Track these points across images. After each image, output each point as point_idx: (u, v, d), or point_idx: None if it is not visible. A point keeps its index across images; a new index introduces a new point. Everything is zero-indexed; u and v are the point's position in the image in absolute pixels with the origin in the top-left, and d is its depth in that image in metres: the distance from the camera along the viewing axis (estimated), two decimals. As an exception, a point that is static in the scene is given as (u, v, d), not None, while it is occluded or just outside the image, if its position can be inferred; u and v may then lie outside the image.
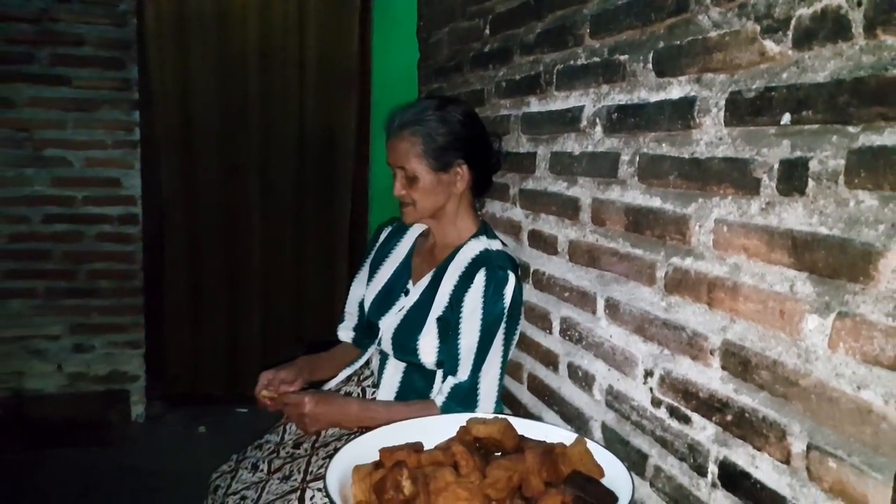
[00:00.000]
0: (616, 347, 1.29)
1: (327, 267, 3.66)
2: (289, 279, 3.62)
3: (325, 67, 3.45)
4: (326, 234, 3.64)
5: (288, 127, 3.47)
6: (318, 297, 3.66)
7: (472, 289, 1.52)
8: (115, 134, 3.10)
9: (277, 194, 3.52)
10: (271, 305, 3.61)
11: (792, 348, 0.87)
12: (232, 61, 3.33)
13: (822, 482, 0.82)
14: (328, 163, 3.57)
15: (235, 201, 3.46)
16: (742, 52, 0.95)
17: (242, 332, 3.58)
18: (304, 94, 3.46)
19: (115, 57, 3.05)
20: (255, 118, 3.41)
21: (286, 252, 3.59)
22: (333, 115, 3.52)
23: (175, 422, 3.34)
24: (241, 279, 3.55)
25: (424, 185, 1.55)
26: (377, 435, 1.30)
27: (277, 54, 3.38)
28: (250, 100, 3.38)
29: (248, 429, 3.24)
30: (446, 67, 2.23)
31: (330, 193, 3.61)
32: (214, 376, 3.56)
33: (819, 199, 0.82)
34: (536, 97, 1.60)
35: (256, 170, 3.46)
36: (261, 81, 3.38)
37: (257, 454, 1.65)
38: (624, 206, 1.24)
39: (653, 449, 1.18)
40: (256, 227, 3.52)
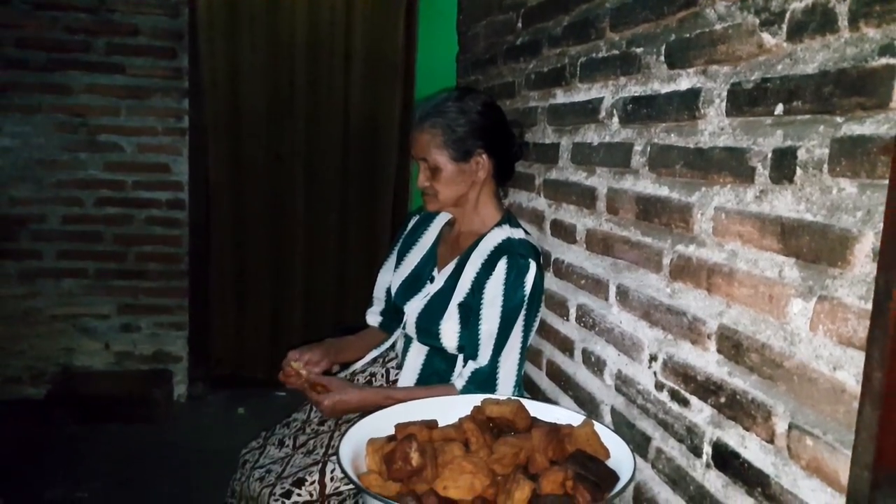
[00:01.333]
0: (625, 333, 1.32)
1: (369, 255, 3.74)
2: (331, 266, 3.72)
3: (370, 60, 3.53)
4: (368, 223, 3.73)
5: (333, 117, 3.56)
6: (359, 284, 3.74)
7: (493, 276, 1.57)
8: (166, 121, 3.25)
9: (321, 183, 3.61)
10: (313, 292, 3.71)
11: (779, 331, 0.90)
12: (280, 52, 3.43)
13: (800, 460, 0.85)
14: (372, 154, 3.65)
15: (280, 189, 3.57)
16: (743, 44, 0.97)
17: (285, 317, 3.69)
18: (349, 85, 3.54)
19: (168, 46, 3.20)
20: (301, 108, 3.51)
21: (329, 239, 3.69)
22: (378, 107, 3.60)
23: (216, 402, 3.48)
24: (284, 265, 3.66)
25: (446, 175, 1.61)
26: (394, 411, 1.36)
27: (324, 46, 3.47)
28: (297, 90, 3.48)
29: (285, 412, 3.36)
30: (482, 60, 2.28)
31: (373, 184, 3.69)
32: (256, 360, 3.68)
33: (806, 186, 0.85)
34: (562, 89, 1.64)
35: (301, 159, 3.57)
36: (307, 72, 3.48)
37: (285, 431, 1.74)
38: (636, 195, 1.28)
39: (656, 432, 1.22)
40: (300, 215, 3.62)
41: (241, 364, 3.68)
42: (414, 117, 1.65)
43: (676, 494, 1.14)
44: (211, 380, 3.58)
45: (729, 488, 1.00)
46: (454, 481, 1.14)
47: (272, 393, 3.60)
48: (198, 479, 2.60)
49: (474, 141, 1.60)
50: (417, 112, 1.64)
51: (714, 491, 1.04)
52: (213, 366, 3.60)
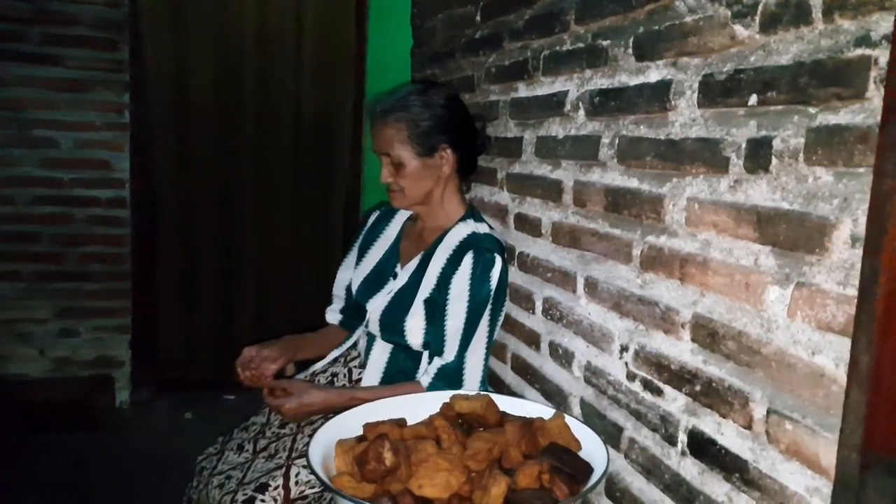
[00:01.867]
0: (594, 324, 1.33)
1: (322, 252, 3.68)
2: (284, 264, 3.64)
3: (322, 52, 3.47)
4: (322, 219, 3.67)
5: (284, 112, 3.48)
6: (312, 282, 3.68)
7: (459, 271, 1.56)
8: (107, 116, 3.11)
9: (273, 179, 3.53)
10: (265, 291, 3.63)
11: (755, 319, 0.91)
12: (228, 44, 3.33)
13: (779, 444, 0.87)
14: (324, 149, 3.59)
15: (230, 186, 3.47)
16: (715, 36, 0.99)
17: (236, 317, 3.60)
18: (300, 78, 3.47)
19: (109, 38, 3.06)
20: (252, 102, 3.42)
21: (281, 236, 3.61)
22: (330, 101, 3.54)
23: (162, 408, 3.36)
24: (235, 264, 3.56)
25: (411, 170, 1.59)
26: (361, 411, 1.34)
27: (275, 37, 3.39)
28: (246, 84, 3.39)
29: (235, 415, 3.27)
30: (440, 54, 2.26)
31: (325, 179, 3.63)
32: (206, 362, 3.57)
33: (781, 175, 0.87)
34: (524, 83, 1.64)
35: (252, 154, 3.48)
36: (257, 65, 3.39)
37: (243, 435, 1.68)
38: (604, 187, 1.28)
39: (628, 422, 1.23)
40: (251, 212, 3.53)
41: (189, 367, 3.57)
42: (374, 111, 1.61)
43: (651, 483, 1.16)
44: (156, 384, 3.45)
45: (705, 475, 1.01)
46: (430, 479, 1.13)
47: (221, 396, 3.51)
48: (148, 488, 2.50)
49: (439, 135, 1.58)
50: (379, 106, 1.61)
51: (690, 478, 1.05)
52: (160, 369, 3.48)
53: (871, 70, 0.73)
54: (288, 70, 3.45)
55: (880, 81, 0.72)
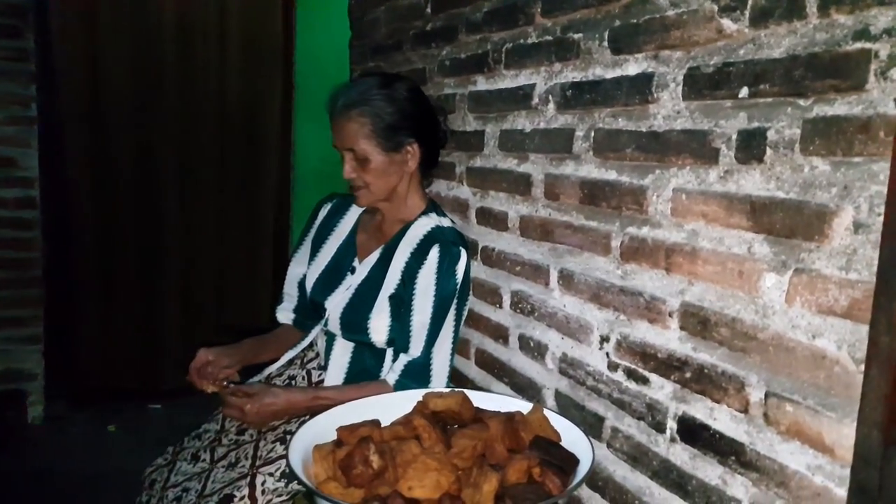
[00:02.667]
0: (570, 316, 1.34)
1: (250, 252, 3.57)
2: (209, 265, 3.50)
3: (247, 44, 3.35)
4: (249, 217, 3.55)
5: (208, 106, 3.34)
6: (240, 283, 3.57)
7: (425, 265, 1.53)
8: (10, 109, 2.88)
9: (197, 176, 3.39)
10: (191, 293, 3.48)
11: (750, 305, 0.94)
12: (146, 34, 3.16)
13: (779, 426, 0.89)
14: (251, 144, 3.47)
15: (151, 183, 3.30)
16: (700, 29, 1.01)
17: (159, 322, 3.43)
18: (225, 71, 3.34)
19: (10, 24, 2.83)
20: (173, 96, 3.26)
21: (206, 236, 3.47)
22: (257, 95, 3.43)
23: (81, 421, 3.16)
24: (157, 266, 3.39)
25: (376, 166, 1.54)
26: (333, 414, 1.29)
27: (197, 28, 3.25)
28: (167, 76, 3.23)
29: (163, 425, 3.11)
30: (384, 46, 2.21)
31: (253, 176, 3.51)
32: (128, 371, 3.39)
33: (776, 165, 0.89)
34: (484, 76, 1.63)
35: (174, 150, 3.32)
36: (178, 57, 3.23)
37: (196, 444, 1.59)
38: (579, 180, 1.29)
39: (609, 411, 1.24)
40: (174, 211, 3.38)
41: (109, 376, 3.37)
42: (335, 105, 1.56)
43: (636, 471, 1.17)
44: (74, 397, 3.24)
45: (697, 460, 1.04)
46: (419, 480, 1.10)
47: (147, 406, 3.35)
48: (79, 505, 2.35)
49: (405, 130, 1.54)
50: (340, 99, 1.55)
51: (680, 464, 1.07)
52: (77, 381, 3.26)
53: (871, 63, 0.77)
54: (211, 62, 3.32)
55: (881, 74, 0.76)
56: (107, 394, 3.30)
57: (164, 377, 3.42)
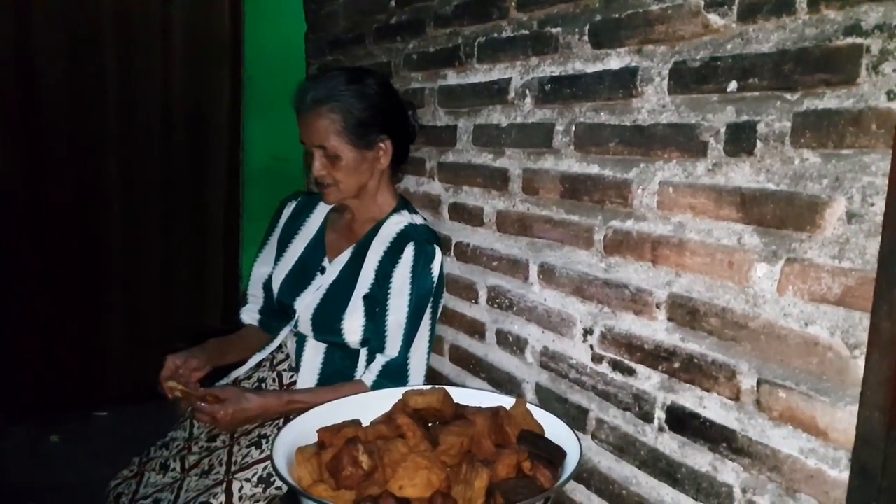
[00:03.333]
0: (551, 310, 1.34)
1: (199, 253, 3.45)
2: (155, 267, 3.37)
3: (193, 37, 3.23)
4: (197, 217, 3.42)
5: (151, 102, 3.20)
6: (188, 285, 3.45)
7: (400, 264, 1.51)
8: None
9: (140, 176, 3.25)
10: (136, 297, 3.34)
11: (740, 295, 0.96)
12: (82, 26, 3.00)
13: (771, 411, 0.92)
14: (198, 142, 3.35)
15: (91, 184, 3.15)
16: (685, 24, 1.02)
17: (103, 327, 3.28)
18: (169, 65, 3.21)
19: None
20: (114, 92, 3.11)
21: (152, 239, 3.34)
22: (203, 91, 3.30)
23: (21, 434, 2.98)
24: (99, 269, 3.24)
25: (348, 163, 1.50)
26: (313, 415, 1.27)
27: (138, 20, 3.10)
28: (107, 71, 3.07)
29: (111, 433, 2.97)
30: (344, 40, 2.18)
31: (201, 174, 3.39)
32: (70, 378, 3.24)
33: (766, 158, 0.91)
34: (454, 70, 1.62)
35: (115, 149, 3.17)
36: (118, 50, 3.08)
37: (164, 454, 1.53)
38: (559, 174, 1.30)
39: (592, 403, 1.26)
40: (116, 213, 3.23)
41: (50, 385, 3.21)
42: (304, 100, 1.50)
43: (623, 461, 1.19)
44: (11, 408, 3.06)
45: (687, 448, 1.06)
46: (410, 479, 1.09)
47: (91, 414, 3.20)
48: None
49: (377, 126, 1.51)
50: (308, 94, 1.50)
51: (669, 452, 1.09)
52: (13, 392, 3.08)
53: (862, 57, 0.79)
54: (154, 56, 3.18)
55: (873, 68, 0.78)
56: (48, 403, 3.14)
57: (109, 383, 3.29)
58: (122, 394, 3.31)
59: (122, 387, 3.32)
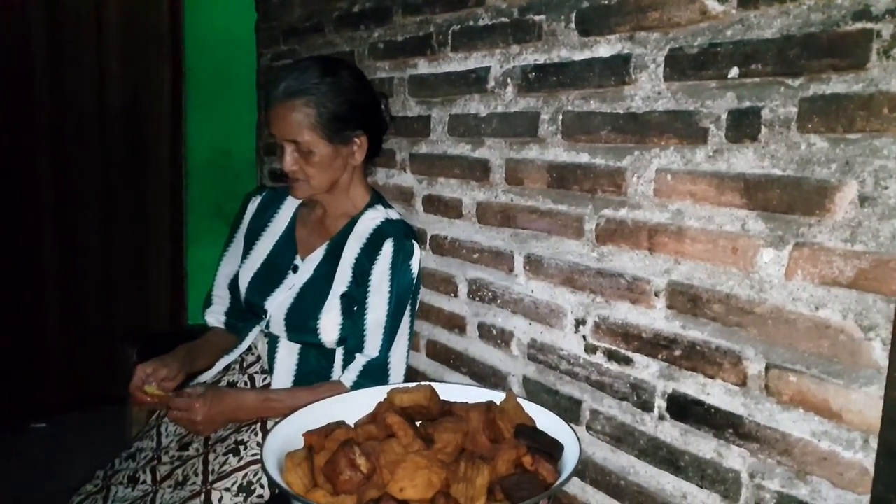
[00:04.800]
0: (539, 301, 1.32)
1: (141, 251, 3.29)
2: (94, 268, 3.20)
3: (128, 29, 3.07)
4: (138, 215, 3.27)
5: (85, 96, 3.04)
6: (130, 285, 3.29)
7: (379, 261, 1.46)
8: None
9: (75, 174, 3.07)
10: (73, 301, 3.16)
11: (745, 281, 0.96)
12: (7, 19, 2.81)
13: (780, 396, 0.92)
14: (137, 137, 3.19)
15: (21, 184, 2.96)
16: (681, 11, 1.01)
17: (38, 332, 3.09)
18: (104, 59, 3.04)
19: None
20: (43, 86, 2.93)
21: (89, 239, 3.16)
22: (142, 83, 3.15)
23: (-50, 449, 2.80)
24: (33, 273, 3.05)
25: (322, 158, 1.44)
26: (296, 419, 1.22)
27: (69, 13, 2.93)
28: (36, 64, 2.90)
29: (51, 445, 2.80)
30: (300, 29, 2.10)
31: (141, 171, 3.24)
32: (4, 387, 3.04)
33: (771, 143, 0.92)
34: (426, 59, 1.57)
35: (47, 145, 2.99)
36: (49, 44, 2.91)
37: (131, 465, 1.44)
38: (546, 163, 1.28)
39: (585, 394, 1.24)
40: (50, 213, 3.04)
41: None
42: (276, 92, 1.42)
43: (620, 451, 1.18)
44: (-61, 424, 2.87)
45: (689, 435, 1.06)
46: (411, 480, 1.06)
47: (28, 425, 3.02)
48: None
49: (353, 121, 1.44)
50: (280, 86, 1.42)
51: (671, 440, 1.09)
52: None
53: (872, 42, 0.80)
54: (87, 49, 3.01)
55: (884, 53, 0.79)
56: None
57: (47, 391, 3.11)
58: (60, 402, 3.13)
59: (61, 395, 3.15)
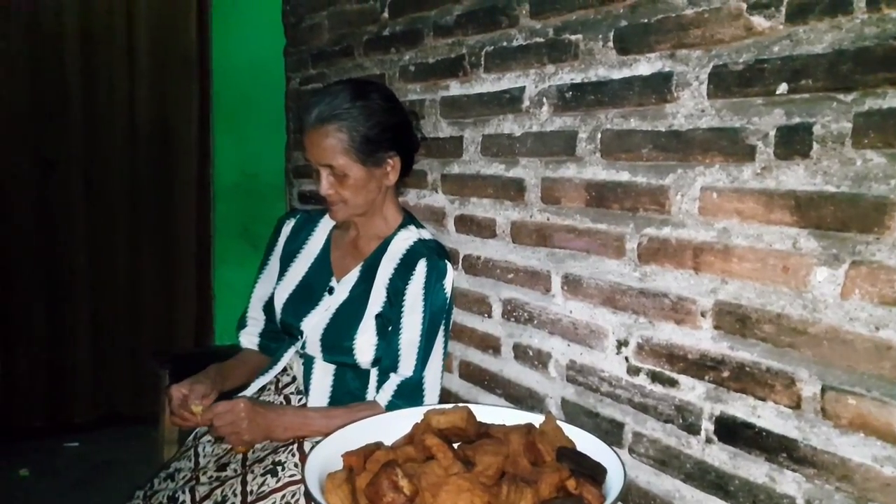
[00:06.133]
0: (578, 322, 1.30)
1: (168, 273, 3.33)
2: (122, 289, 3.24)
3: (159, 53, 3.15)
4: (166, 236, 3.31)
5: (116, 118, 3.11)
6: (158, 306, 3.32)
7: (413, 281, 1.45)
8: None
9: (106, 193, 3.14)
10: (101, 321, 3.20)
11: (797, 300, 0.94)
12: (45, 43, 2.89)
13: (838, 419, 0.90)
14: (165, 158, 3.25)
15: (53, 202, 3.02)
16: (725, 27, 1.00)
17: (68, 352, 3.14)
18: (135, 81, 3.12)
19: None
20: (77, 108, 3.00)
21: (118, 258, 3.22)
22: (170, 106, 3.21)
23: (-15, 468, 2.82)
24: (64, 292, 3.11)
25: (356, 181, 1.43)
26: (335, 440, 1.20)
27: (102, 37, 3.01)
28: (70, 87, 2.97)
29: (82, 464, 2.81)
30: (329, 52, 2.12)
31: (168, 192, 3.29)
32: (35, 406, 3.08)
33: (823, 160, 0.90)
34: (458, 80, 1.57)
35: (79, 167, 3.05)
36: (83, 67, 2.99)
37: (170, 485, 1.43)
38: (584, 182, 1.26)
39: (627, 416, 1.22)
40: (81, 232, 3.11)
41: (13, 415, 3.04)
42: (309, 117, 1.42)
43: (664, 475, 1.15)
44: (-28, 441, 2.90)
45: (739, 459, 1.03)
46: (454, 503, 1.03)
47: (61, 444, 3.04)
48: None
49: (385, 143, 1.43)
50: (313, 111, 1.41)
51: (719, 464, 1.06)
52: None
53: (931, 56, 0.78)
54: (119, 72, 3.09)
55: (943, 66, 0.77)
56: (12, 434, 2.99)
57: (77, 411, 3.15)
58: (91, 421, 3.16)
59: (91, 414, 3.18)
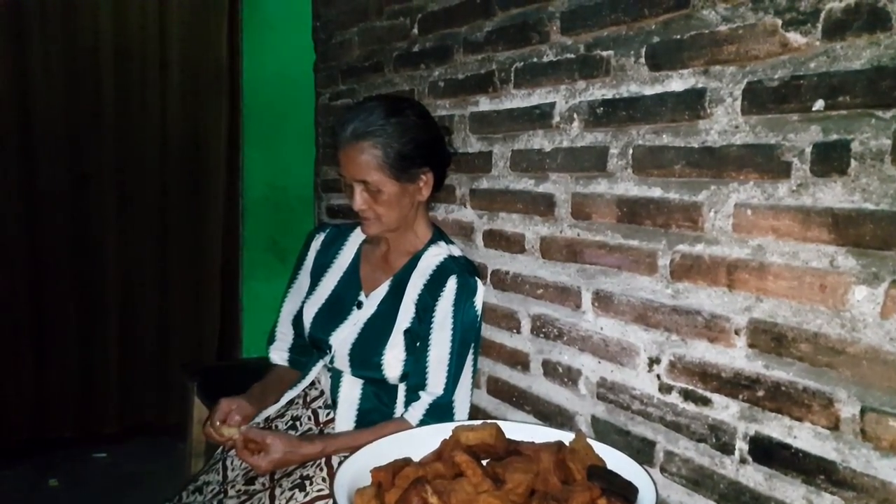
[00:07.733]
0: (609, 339, 1.30)
1: (196, 285, 3.37)
2: (151, 301, 3.29)
3: (190, 69, 3.21)
4: (195, 249, 3.36)
5: (148, 133, 3.17)
6: (186, 319, 3.37)
7: (443, 297, 1.46)
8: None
9: (137, 206, 3.20)
10: (131, 333, 3.26)
11: (835, 319, 0.92)
12: (81, 59, 2.98)
13: (879, 441, 0.88)
14: (195, 172, 3.31)
15: (87, 214, 3.09)
16: (759, 44, 1.00)
17: (98, 363, 3.19)
18: (167, 97, 3.19)
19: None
20: (110, 123, 3.07)
21: (148, 271, 3.27)
22: (201, 121, 3.27)
23: (15, 478, 2.86)
24: (94, 304, 3.16)
25: (390, 197, 1.44)
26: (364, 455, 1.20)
27: (135, 53, 3.09)
28: (104, 102, 3.04)
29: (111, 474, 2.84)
30: (359, 68, 2.14)
31: (198, 205, 3.34)
32: (65, 417, 3.13)
33: (861, 177, 0.89)
34: (488, 95, 1.58)
35: (111, 180, 3.12)
36: (116, 82, 3.06)
37: (198, 498, 1.45)
38: (615, 198, 1.26)
39: (659, 435, 1.21)
40: (112, 244, 3.17)
41: (44, 426, 3.10)
42: (343, 134, 1.44)
43: (697, 495, 1.14)
44: (2, 451, 2.93)
45: (775, 480, 1.01)
46: (484, 521, 1.03)
47: (90, 455, 3.08)
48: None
49: (419, 159, 1.45)
50: (348, 128, 1.42)
51: (754, 485, 1.04)
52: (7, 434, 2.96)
53: (973, 73, 0.77)
54: (151, 87, 3.16)
55: None
56: (43, 445, 3.04)
57: (105, 422, 3.20)
58: (119, 432, 3.21)
59: (119, 424, 3.22)
